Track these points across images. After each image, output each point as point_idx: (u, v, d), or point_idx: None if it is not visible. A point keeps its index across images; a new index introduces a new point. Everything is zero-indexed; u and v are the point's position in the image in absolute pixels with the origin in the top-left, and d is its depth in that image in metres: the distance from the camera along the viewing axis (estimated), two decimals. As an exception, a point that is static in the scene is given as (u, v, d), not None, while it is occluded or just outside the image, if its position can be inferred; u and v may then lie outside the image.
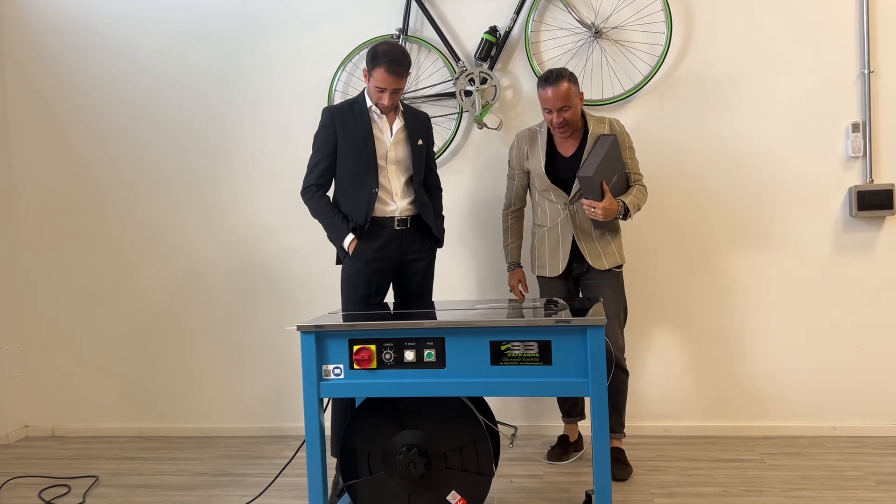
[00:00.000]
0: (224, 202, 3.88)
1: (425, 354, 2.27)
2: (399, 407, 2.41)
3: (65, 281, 4.03)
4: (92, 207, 3.99)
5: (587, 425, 3.46)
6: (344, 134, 2.88)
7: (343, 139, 2.89)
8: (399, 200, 2.94)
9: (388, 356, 2.29)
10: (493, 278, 3.69)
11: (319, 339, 2.33)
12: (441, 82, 3.68)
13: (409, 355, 2.28)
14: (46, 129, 4.01)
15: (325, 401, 2.97)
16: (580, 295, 3.18)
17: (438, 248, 3.33)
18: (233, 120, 3.86)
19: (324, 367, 2.33)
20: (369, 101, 2.90)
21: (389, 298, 3.58)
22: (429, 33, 3.68)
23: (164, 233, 3.93)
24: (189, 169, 3.90)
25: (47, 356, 4.06)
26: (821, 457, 3.17)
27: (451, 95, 3.63)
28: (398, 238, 2.94)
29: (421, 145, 2.98)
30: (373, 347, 2.29)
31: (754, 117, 3.47)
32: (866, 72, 3.37)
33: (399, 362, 2.29)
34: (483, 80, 3.55)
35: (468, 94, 3.57)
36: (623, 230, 3.57)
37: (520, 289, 3.27)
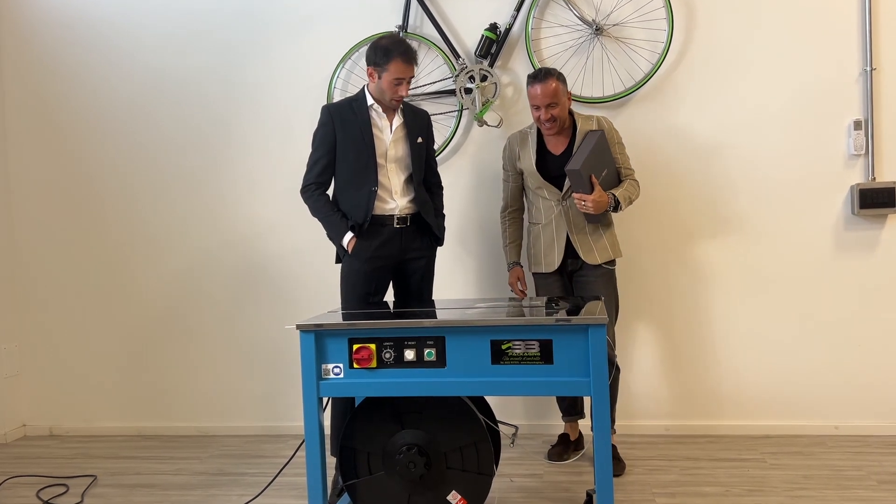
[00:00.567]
0: (223, 201, 3.87)
1: (425, 353, 2.25)
2: (399, 406, 2.40)
3: (63, 280, 4.01)
4: (91, 206, 3.97)
5: (587, 424, 3.45)
6: (343, 132, 2.87)
7: (342, 137, 2.87)
8: (399, 198, 2.92)
9: (388, 355, 2.28)
10: (493, 277, 3.68)
11: (319, 338, 2.31)
12: (441, 80, 3.66)
13: (409, 354, 2.26)
14: (45, 128, 4.00)
15: (324, 400, 2.96)
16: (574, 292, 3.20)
17: (439, 247, 3.31)
18: (232, 118, 3.84)
19: (323, 367, 2.32)
20: (370, 99, 2.89)
21: (389, 297, 3.57)
22: (429, 30, 3.66)
23: (162, 231, 3.92)
24: (188, 167, 3.89)
25: (45, 355, 4.05)
26: (823, 456, 3.16)
27: (452, 93, 3.61)
28: (398, 236, 2.92)
29: (420, 143, 2.96)
30: (373, 346, 2.28)
31: (756, 115, 3.46)
32: (868, 69, 3.35)
33: (399, 361, 2.27)
34: (483, 78, 3.53)
35: (468, 91, 3.55)
36: (622, 227, 3.56)
37: (519, 286, 3.28)
